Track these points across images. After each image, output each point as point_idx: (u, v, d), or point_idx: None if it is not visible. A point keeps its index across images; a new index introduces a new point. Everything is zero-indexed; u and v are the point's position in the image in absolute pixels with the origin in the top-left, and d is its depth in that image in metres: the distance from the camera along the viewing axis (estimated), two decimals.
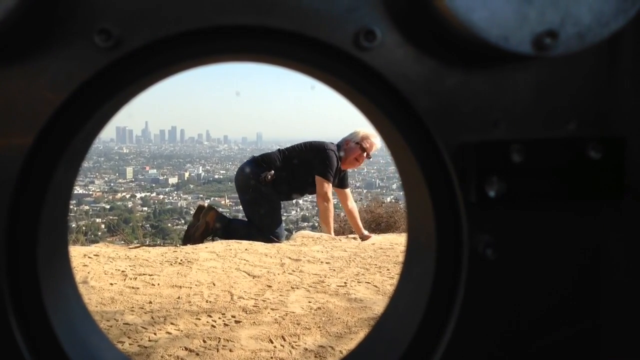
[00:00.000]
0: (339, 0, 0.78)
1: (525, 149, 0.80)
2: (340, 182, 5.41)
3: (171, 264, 3.73)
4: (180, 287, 3.23)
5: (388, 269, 3.73)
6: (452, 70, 0.81)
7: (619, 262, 0.85)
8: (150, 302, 2.94)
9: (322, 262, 3.90)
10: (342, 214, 6.59)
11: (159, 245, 5.06)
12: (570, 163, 0.81)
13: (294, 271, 3.65)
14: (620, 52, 0.83)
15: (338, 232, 5.94)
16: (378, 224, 6.63)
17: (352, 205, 5.44)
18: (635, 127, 0.82)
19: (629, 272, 0.84)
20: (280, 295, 3.12)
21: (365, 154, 5.25)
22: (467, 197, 0.82)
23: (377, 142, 5.25)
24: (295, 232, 5.64)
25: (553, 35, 0.70)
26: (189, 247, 4.37)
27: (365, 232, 5.27)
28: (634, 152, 0.81)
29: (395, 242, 4.80)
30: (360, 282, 3.40)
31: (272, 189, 5.18)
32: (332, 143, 5.36)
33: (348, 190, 5.55)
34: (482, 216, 0.83)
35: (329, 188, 5.11)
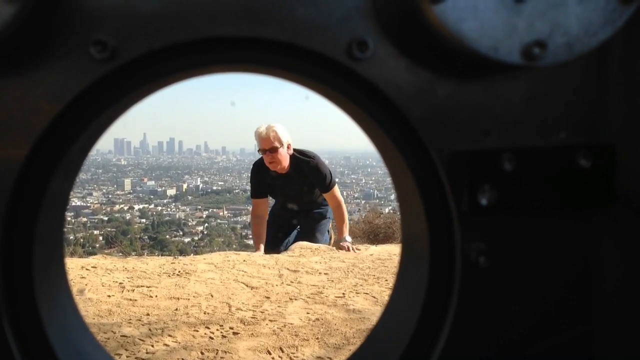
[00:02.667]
0: (331, 12, 0.79)
1: (517, 157, 0.81)
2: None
3: (169, 276, 3.71)
4: (178, 298, 3.22)
5: (386, 280, 3.72)
6: (444, 80, 0.82)
7: (610, 268, 0.85)
8: (148, 314, 2.93)
9: (320, 273, 3.89)
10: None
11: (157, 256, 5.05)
12: (561, 171, 0.82)
13: (292, 282, 3.64)
14: (609, 62, 0.84)
15: (336, 243, 5.94)
16: (376, 235, 6.63)
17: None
18: (624, 135, 0.83)
19: (620, 278, 0.85)
20: (279, 306, 3.11)
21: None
22: (459, 205, 0.82)
23: (258, 132, 4.91)
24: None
25: (542, 45, 0.71)
26: (187, 259, 4.36)
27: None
28: (623, 160, 0.82)
29: (394, 253, 4.79)
30: (358, 293, 3.39)
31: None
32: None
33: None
34: (474, 224, 0.84)
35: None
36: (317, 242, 5.19)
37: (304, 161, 4.93)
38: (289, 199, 5.21)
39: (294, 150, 4.98)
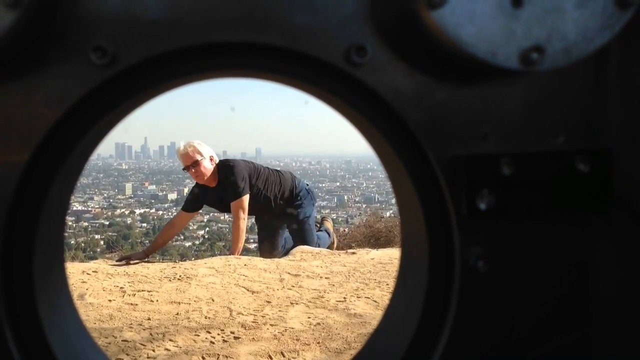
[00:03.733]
0: (330, 17, 0.79)
1: (515, 162, 0.81)
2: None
3: (170, 280, 3.71)
4: (179, 303, 3.22)
5: (387, 284, 3.72)
6: (442, 85, 0.82)
7: (608, 272, 0.86)
8: (149, 319, 2.93)
9: (321, 277, 3.89)
10: (342, 229, 6.54)
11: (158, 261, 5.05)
12: (559, 176, 0.82)
13: (293, 286, 3.63)
14: (607, 67, 0.84)
15: (337, 247, 5.93)
16: (377, 239, 6.61)
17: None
18: (622, 139, 0.83)
19: (618, 282, 0.85)
20: (280, 310, 3.11)
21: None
22: (458, 209, 0.82)
23: (178, 150, 4.95)
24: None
25: (540, 50, 0.71)
26: (187, 263, 4.36)
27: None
28: (621, 165, 0.82)
29: (395, 257, 4.79)
30: (359, 297, 3.39)
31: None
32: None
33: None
34: (473, 228, 0.84)
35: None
36: (306, 243, 5.19)
37: (222, 169, 4.93)
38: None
39: (220, 161, 5.01)
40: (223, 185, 4.91)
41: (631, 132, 0.82)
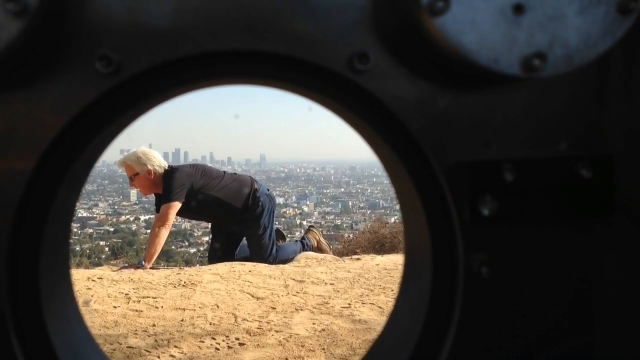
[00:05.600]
0: (333, 25, 0.80)
1: (517, 168, 0.81)
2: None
3: (175, 287, 3.72)
4: (184, 309, 3.22)
5: (392, 290, 3.71)
6: (444, 91, 0.83)
7: (611, 277, 0.85)
8: (154, 325, 2.93)
9: (326, 284, 3.89)
10: (347, 234, 6.48)
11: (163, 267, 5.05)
12: (562, 182, 0.82)
13: (298, 292, 3.63)
14: (609, 73, 0.84)
15: (342, 253, 5.91)
16: (382, 245, 6.59)
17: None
18: (624, 145, 0.83)
19: (620, 287, 0.85)
20: (285, 317, 3.10)
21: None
22: (461, 215, 0.83)
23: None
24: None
25: (542, 57, 0.72)
26: (192, 269, 4.36)
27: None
28: (623, 171, 0.82)
29: (399, 263, 4.77)
30: (364, 303, 3.38)
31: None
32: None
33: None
34: (476, 235, 0.84)
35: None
36: (259, 254, 5.04)
37: (165, 176, 4.76)
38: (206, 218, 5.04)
39: (168, 167, 4.84)
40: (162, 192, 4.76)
41: (633, 138, 0.82)
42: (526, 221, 0.84)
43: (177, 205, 4.70)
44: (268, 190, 5.35)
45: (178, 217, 5.11)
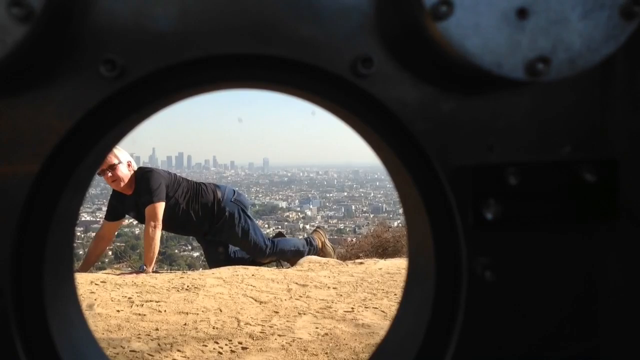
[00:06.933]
0: (336, 29, 0.80)
1: (521, 172, 0.81)
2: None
3: (178, 291, 3.72)
4: (187, 313, 3.22)
5: (395, 294, 3.71)
6: (448, 95, 0.83)
7: (615, 281, 0.85)
8: (157, 329, 2.93)
9: (329, 288, 3.88)
10: (350, 238, 6.46)
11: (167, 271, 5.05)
12: (566, 186, 0.82)
13: (300, 297, 3.63)
14: (613, 77, 0.84)
15: (345, 257, 5.91)
16: (385, 249, 6.58)
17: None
18: (628, 149, 0.83)
19: (625, 291, 0.84)
20: (287, 321, 3.10)
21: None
22: (465, 219, 0.83)
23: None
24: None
25: (545, 61, 0.72)
26: (195, 273, 4.36)
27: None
28: (627, 174, 0.82)
29: (402, 267, 4.77)
30: (367, 308, 3.37)
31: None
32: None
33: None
34: (480, 238, 0.84)
35: None
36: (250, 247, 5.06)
37: (140, 176, 4.77)
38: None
39: (139, 168, 4.86)
40: (139, 193, 4.72)
41: (636, 141, 0.82)
42: (530, 225, 0.84)
43: (162, 205, 4.70)
44: (234, 193, 5.30)
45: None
